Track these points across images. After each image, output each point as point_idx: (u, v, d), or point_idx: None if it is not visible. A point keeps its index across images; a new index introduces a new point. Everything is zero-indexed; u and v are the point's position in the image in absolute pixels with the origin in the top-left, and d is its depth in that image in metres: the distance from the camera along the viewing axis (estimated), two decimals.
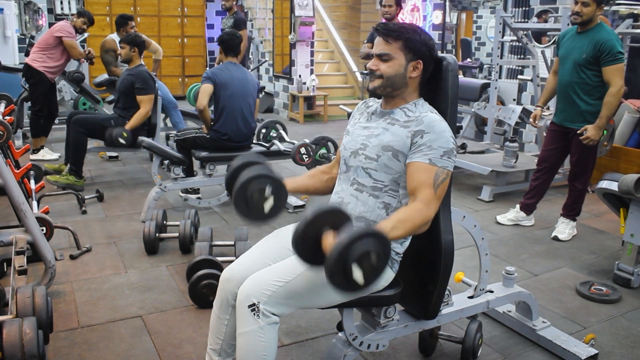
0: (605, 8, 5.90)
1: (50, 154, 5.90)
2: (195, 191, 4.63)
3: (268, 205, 1.81)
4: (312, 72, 9.13)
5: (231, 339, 1.95)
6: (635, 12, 6.20)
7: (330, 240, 1.61)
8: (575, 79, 3.70)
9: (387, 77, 1.95)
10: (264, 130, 5.05)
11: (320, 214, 1.66)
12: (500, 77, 6.34)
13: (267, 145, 4.65)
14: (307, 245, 1.66)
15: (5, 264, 3.14)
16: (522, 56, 6.60)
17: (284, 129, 5.13)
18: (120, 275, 3.23)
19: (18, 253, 2.63)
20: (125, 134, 4.64)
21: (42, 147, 5.91)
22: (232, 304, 1.91)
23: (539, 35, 6.03)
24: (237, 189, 1.79)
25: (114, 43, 6.02)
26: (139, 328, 2.66)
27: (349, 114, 2.25)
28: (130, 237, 3.80)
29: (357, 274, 1.56)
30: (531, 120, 4.21)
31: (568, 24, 4.37)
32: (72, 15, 5.91)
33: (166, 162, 4.26)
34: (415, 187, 1.86)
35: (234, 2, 6.82)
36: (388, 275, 1.97)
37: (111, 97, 6.52)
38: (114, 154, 5.98)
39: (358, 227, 1.60)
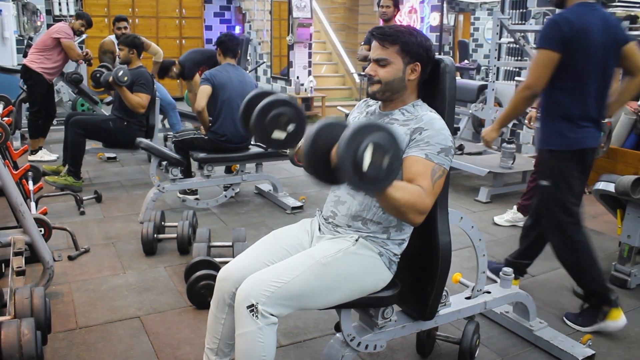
0: None
1: (48, 155, 5.90)
2: (193, 192, 4.64)
3: (286, 132, 1.81)
4: (309, 73, 9.14)
5: (228, 339, 1.95)
6: (632, 14, 6.23)
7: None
8: None
9: (385, 82, 1.95)
10: None
11: (325, 127, 1.65)
12: (497, 79, 6.35)
13: (264, 146, 4.65)
14: (317, 159, 1.66)
15: (3, 264, 3.14)
16: (519, 58, 6.62)
17: None
18: (118, 276, 3.24)
19: (16, 254, 2.63)
20: (126, 78, 4.64)
21: (40, 148, 5.92)
22: (228, 304, 1.91)
23: None
24: (259, 110, 1.80)
25: (112, 45, 6.03)
26: (137, 329, 2.66)
27: (347, 116, 2.26)
28: (129, 238, 3.81)
29: (367, 158, 1.53)
30: (526, 121, 4.23)
31: None
32: (71, 17, 5.93)
33: (164, 163, 4.27)
34: (413, 177, 1.82)
35: None
36: (386, 276, 1.98)
37: (109, 99, 6.52)
38: (112, 155, 5.99)
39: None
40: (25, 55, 7.35)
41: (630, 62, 2.74)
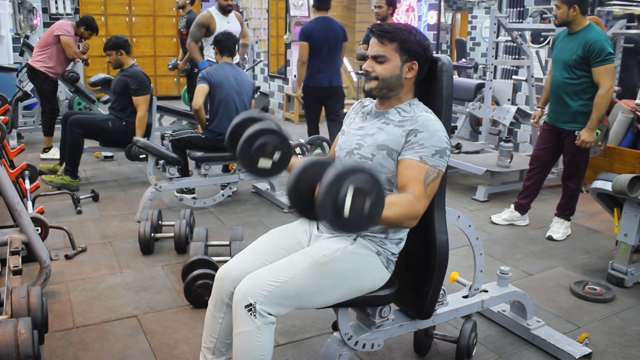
0: (599, 9, 5.94)
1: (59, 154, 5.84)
2: (191, 191, 4.63)
3: (272, 160, 1.84)
4: None
5: (225, 338, 1.95)
6: (629, 12, 6.23)
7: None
8: (566, 80, 3.72)
9: (382, 79, 1.95)
10: None
11: (309, 165, 1.66)
12: (494, 78, 6.35)
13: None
14: (302, 198, 1.67)
15: (0, 264, 3.13)
16: (516, 56, 6.62)
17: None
18: (115, 275, 3.23)
19: (13, 253, 2.62)
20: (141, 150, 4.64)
21: (52, 147, 5.91)
22: (226, 303, 1.91)
23: (539, 36, 6.05)
24: (244, 140, 1.81)
25: (208, 19, 5.50)
26: (135, 328, 2.66)
27: (345, 115, 2.27)
28: (126, 237, 3.80)
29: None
30: (532, 121, 4.28)
31: None
32: (81, 26, 5.71)
33: (161, 162, 4.26)
34: (406, 182, 1.85)
35: (187, 1, 6.71)
36: (384, 275, 1.98)
37: (106, 97, 6.50)
38: (109, 154, 5.97)
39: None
40: (21, 54, 7.33)
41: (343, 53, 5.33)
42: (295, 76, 8.86)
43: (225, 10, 5.51)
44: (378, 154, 1.95)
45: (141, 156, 4.57)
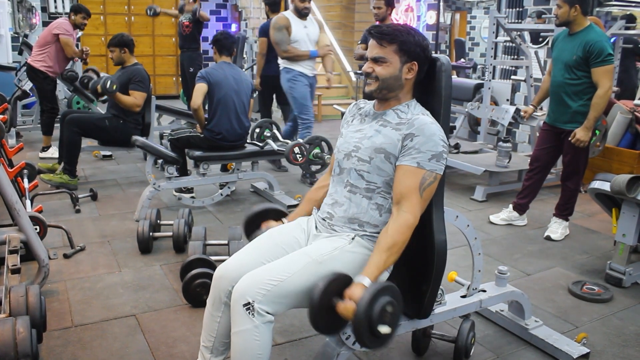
0: (598, 9, 5.95)
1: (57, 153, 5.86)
2: (189, 190, 4.63)
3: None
4: None
5: (223, 337, 1.95)
6: (629, 13, 6.24)
7: (345, 308, 1.72)
8: (567, 80, 3.73)
9: (382, 80, 1.96)
10: (257, 130, 5.06)
11: (326, 289, 1.74)
12: (493, 78, 6.36)
13: (260, 144, 4.66)
14: (323, 318, 1.77)
15: None
16: (515, 57, 6.63)
17: (278, 129, 5.14)
18: (114, 274, 3.23)
19: (11, 252, 2.62)
20: (115, 86, 4.63)
21: (50, 146, 5.91)
22: (224, 302, 1.91)
23: (538, 36, 6.06)
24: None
25: (287, 20, 5.23)
26: (133, 327, 2.66)
27: (343, 114, 2.27)
28: (124, 236, 3.80)
29: (384, 329, 1.72)
30: (523, 114, 4.28)
31: None
32: (66, 13, 5.82)
33: (160, 161, 4.25)
34: (401, 193, 1.88)
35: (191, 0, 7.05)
36: (382, 275, 1.98)
37: (105, 97, 6.49)
38: (107, 153, 5.98)
39: (366, 292, 1.70)
40: (20, 53, 7.32)
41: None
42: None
43: (301, 14, 5.24)
44: (376, 157, 1.95)
45: (109, 86, 4.60)
